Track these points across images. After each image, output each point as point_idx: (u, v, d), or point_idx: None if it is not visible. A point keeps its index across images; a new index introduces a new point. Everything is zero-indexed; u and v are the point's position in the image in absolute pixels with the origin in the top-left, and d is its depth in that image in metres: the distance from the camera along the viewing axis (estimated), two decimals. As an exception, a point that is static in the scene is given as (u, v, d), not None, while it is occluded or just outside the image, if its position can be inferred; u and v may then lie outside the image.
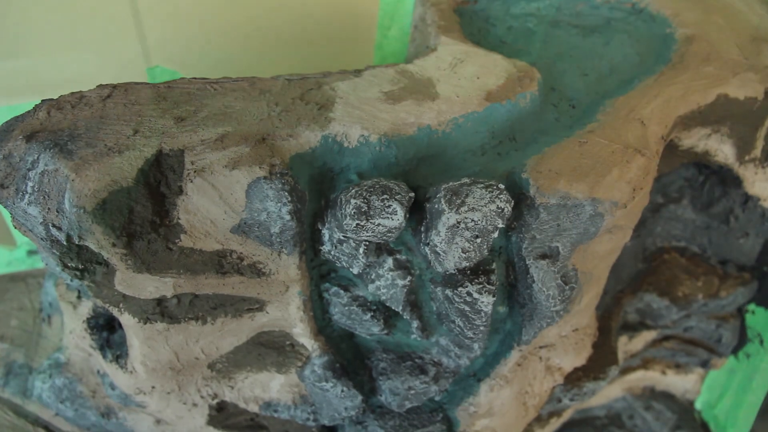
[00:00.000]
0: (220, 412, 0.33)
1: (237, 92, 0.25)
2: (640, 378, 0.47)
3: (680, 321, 0.42)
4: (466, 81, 0.28)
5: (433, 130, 0.26)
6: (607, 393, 0.48)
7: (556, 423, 0.38)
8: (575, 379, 0.34)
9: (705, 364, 0.45)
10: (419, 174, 0.25)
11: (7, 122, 0.25)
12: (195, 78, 0.26)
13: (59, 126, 0.24)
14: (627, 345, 0.41)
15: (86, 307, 0.32)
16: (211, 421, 0.34)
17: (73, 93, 0.25)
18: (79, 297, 0.32)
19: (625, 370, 0.45)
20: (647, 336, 0.41)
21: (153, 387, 0.31)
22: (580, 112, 0.29)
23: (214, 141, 0.23)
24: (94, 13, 0.36)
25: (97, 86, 0.25)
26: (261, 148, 0.23)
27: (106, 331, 0.33)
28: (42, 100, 0.25)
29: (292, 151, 0.24)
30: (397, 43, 0.37)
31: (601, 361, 0.35)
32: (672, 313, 0.40)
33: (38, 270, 0.46)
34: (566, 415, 0.39)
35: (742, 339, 0.43)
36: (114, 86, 0.25)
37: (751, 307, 0.42)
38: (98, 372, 0.36)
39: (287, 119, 0.24)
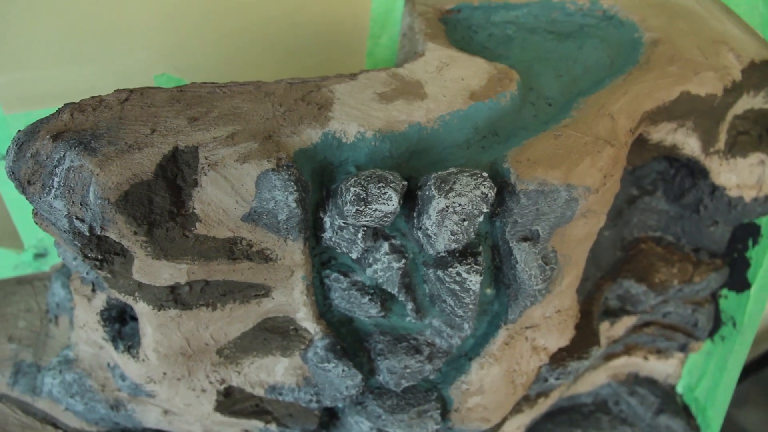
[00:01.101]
0: (227, 397, 0.35)
1: (244, 95, 0.28)
2: (624, 364, 0.49)
3: (658, 306, 0.45)
4: (451, 82, 0.31)
5: (423, 126, 0.29)
6: (593, 380, 0.51)
7: (544, 403, 0.40)
8: (560, 359, 0.37)
9: (683, 348, 0.48)
10: (411, 166, 0.28)
11: (32, 124, 0.27)
12: (205, 83, 0.28)
13: (82, 126, 0.26)
14: (609, 330, 0.44)
15: (100, 300, 0.34)
16: (219, 407, 0.36)
17: (93, 97, 0.28)
18: (93, 290, 0.35)
19: (609, 357, 0.48)
20: (628, 321, 0.44)
21: (164, 374, 0.33)
22: (556, 109, 0.32)
23: (225, 138, 0.26)
24: (103, 24, 0.39)
25: (114, 91, 0.28)
26: (268, 144, 0.26)
27: (118, 323, 0.35)
28: (65, 104, 0.27)
29: (295, 146, 0.26)
30: (387, 51, 0.40)
31: (584, 343, 0.38)
32: (650, 298, 0.43)
33: (44, 273, 0.48)
34: (553, 397, 0.41)
35: (717, 323, 0.46)
36: (131, 91, 0.28)
37: (724, 292, 0.45)
38: (108, 365, 0.38)
39: (291, 118, 0.27)
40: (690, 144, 0.36)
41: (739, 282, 0.43)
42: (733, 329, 0.45)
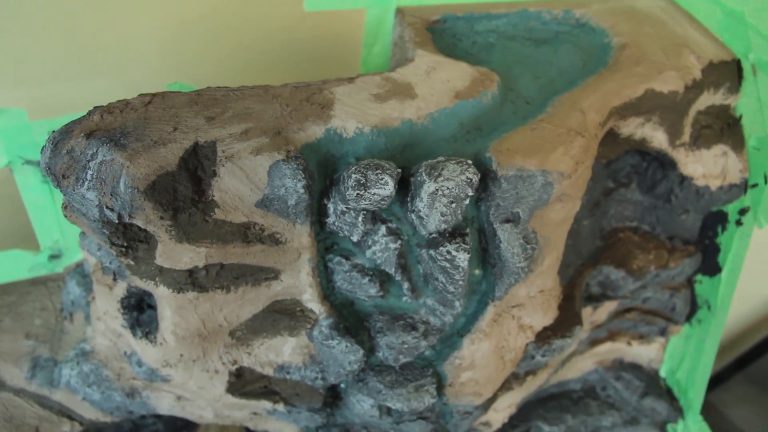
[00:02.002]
0: (238, 378, 0.39)
1: (254, 97, 0.32)
2: (609, 350, 0.53)
3: (638, 292, 0.48)
4: (438, 84, 0.35)
5: (414, 122, 0.33)
6: (581, 366, 0.55)
7: (532, 382, 0.44)
8: (545, 337, 0.41)
9: (663, 332, 0.51)
10: (404, 157, 0.32)
11: (65, 125, 0.31)
12: (219, 87, 0.32)
13: (112, 126, 0.30)
14: (592, 316, 0.48)
15: (121, 288, 0.38)
16: (230, 388, 0.39)
17: (119, 101, 0.32)
18: (114, 279, 0.38)
19: (594, 342, 0.52)
20: (609, 306, 0.48)
21: (181, 355, 0.36)
22: (534, 107, 0.36)
23: (240, 134, 0.30)
24: (118, 39, 0.43)
25: (138, 95, 0.32)
26: (278, 139, 0.30)
27: (136, 311, 0.39)
28: (94, 107, 0.31)
29: (302, 141, 0.30)
30: (380, 59, 0.44)
31: (567, 323, 0.42)
32: (628, 283, 0.46)
33: (57, 274, 0.52)
34: (541, 377, 0.45)
35: (693, 307, 0.50)
36: (153, 95, 0.32)
37: (698, 277, 0.49)
38: (125, 353, 0.41)
39: (297, 117, 0.31)
40: (657, 137, 0.41)
41: (711, 267, 0.47)
42: (708, 312, 0.48)
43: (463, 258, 0.31)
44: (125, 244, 0.31)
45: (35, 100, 0.41)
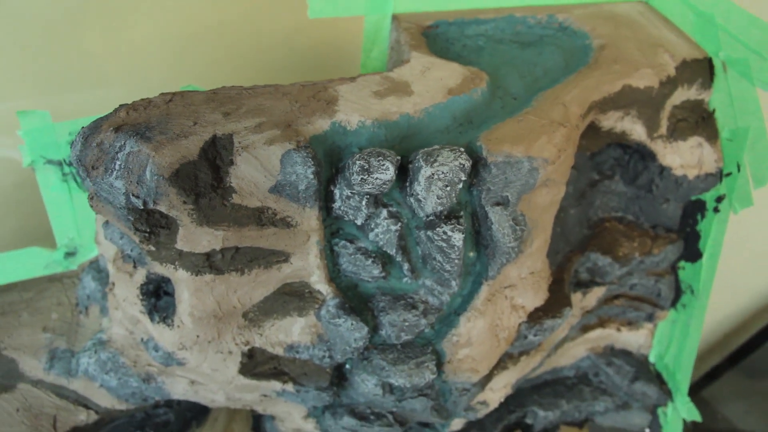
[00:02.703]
0: (250, 359, 0.42)
1: (266, 94, 0.36)
2: (599, 336, 0.57)
3: (624, 278, 0.52)
4: (433, 81, 0.39)
5: (411, 116, 0.37)
6: (574, 353, 0.58)
7: (526, 363, 0.47)
8: (537, 318, 0.44)
9: (651, 318, 0.55)
10: (402, 148, 0.36)
11: (94, 121, 0.34)
12: (233, 86, 0.36)
13: (137, 121, 0.34)
14: (582, 301, 0.51)
15: (140, 275, 0.41)
16: (242, 369, 0.42)
17: (142, 99, 0.35)
18: (134, 266, 0.41)
19: (586, 328, 0.55)
20: (598, 292, 0.51)
21: (197, 336, 0.40)
22: (520, 102, 0.40)
23: (254, 127, 0.33)
24: (132, 48, 0.46)
25: (159, 94, 0.36)
26: (288, 131, 0.33)
27: (154, 298, 0.42)
28: (120, 105, 0.35)
29: (310, 133, 0.34)
30: (378, 62, 0.48)
31: (557, 304, 0.45)
32: (615, 269, 0.50)
33: (72, 271, 0.55)
34: (535, 358, 0.48)
35: (678, 292, 0.54)
36: (173, 93, 0.35)
37: (681, 263, 0.52)
38: (142, 340, 0.45)
39: (305, 112, 0.35)
40: (636, 130, 0.44)
41: (693, 253, 0.51)
42: (692, 296, 0.52)
43: (458, 237, 0.35)
44: (148, 230, 0.35)
45: (58, 104, 0.45)
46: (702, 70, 0.45)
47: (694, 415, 0.55)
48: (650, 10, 0.50)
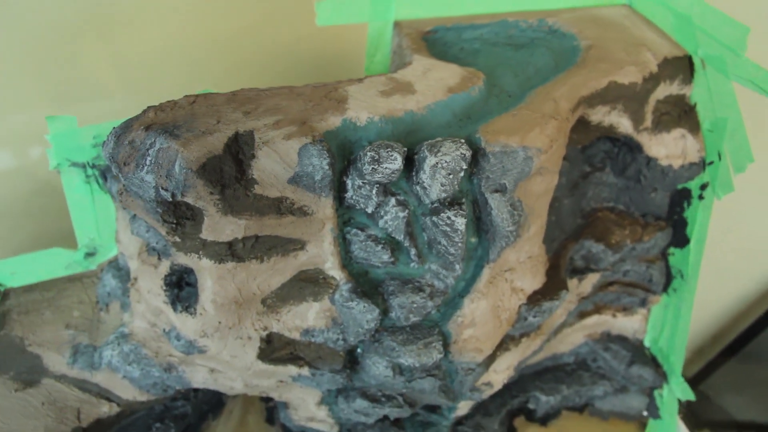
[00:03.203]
0: (268, 344, 0.45)
1: (282, 95, 0.39)
2: (596, 322, 0.60)
3: (617, 265, 0.56)
4: (434, 81, 0.42)
5: (415, 113, 0.40)
6: (572, 340, 0.62)
7: (527, 344, 0.50)
8: (535, 300, 0.47)
9: (644, 303, 0.59)
10: (408, 142, 0.40)
11: (124, 122, 0.38)
12: (251, 88, 0.40)
13: (165, 120, 0.37)
14: (579, 288, 0.55)
15: (165, 267, 0.44)
16: (260, 354, 0.46)
17: (168, 101, 0.39)
18: (159, 258, 0.45)
19: (583, 315, 0.59)
20: (593, 278, 0.55)
21: (219, 323, 0.43)
22: (515, 99, 0.44)
23: (272, 124, 0.37)
24: (151, 58, 0.50)
25: (183, 96, 0.39)
26: (304, 127, 0.37)
27: (176, 288, 0.45)
28: (148, 107, 0.38)
29: (324, 129, 0.38)
30: (381, 66, 0.52)
31: (554, 287, 0.49)
32: (608, 256, 0.54)
33: (91, 271, 0.58)
34: (535, 342, 0.52)
35: (668, 277, 0.57)
36: (197, 95, 0.39)
37: (671, 250, 0.56)
38: (164, 330, 0.48)
39: (318, 110, 0.39)
40: (623, 123, 0.48)
41: (681, 239, 0.55)
42: (682, 280, 0.56)
43: (461, 222, 0.39)
44: (175, 221, 0.38)
45: (83, 111, 0.48)
46: (682, 66, 0.49)
47: (688, 394, 0.58)
48: (633, 12, 0.54)
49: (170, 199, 0.37)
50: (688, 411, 0.65)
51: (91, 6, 0.56)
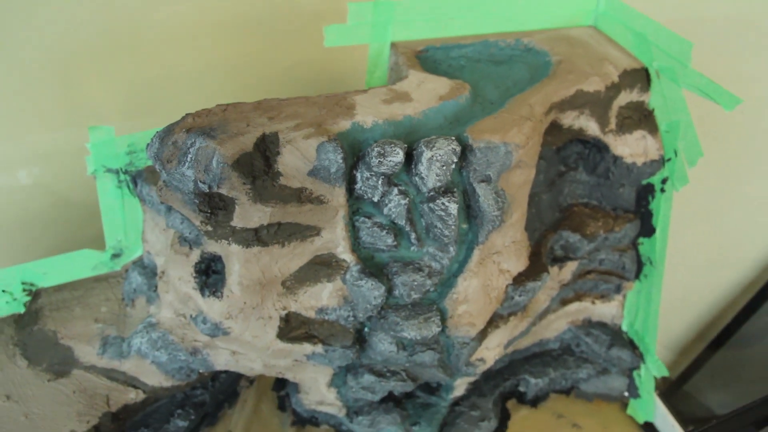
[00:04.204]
0: (286, 324, 0.52)
1: (299, 104, 0.48)
2: (577, 309, 0.68)
3: (593, 254, 0.64)
4: (427, 91, 0.51)
5: (412, 117, 0.49)
6: (557, 326, 0.70)
7: (515, 324, 0.58)
8: (520, 281, 0.56)
9: (619, 289, 0.67)
10: (407, 141, 0.48)
11: (166, 127, 0.46)
12: (272, 98, 0.48)
13: (202, 124, 0.45)
14: (559, 275, 0.63)
15: (195, 255, 0.52)
16: (279, 333, 0.53)
17: (203, 109, 0.47)
18: (190, 248, 0.52)
19: (565, 301, 0.67)
20: (572, 266, 0.63)
21: (244, 303, 0.50)
22: (496, 106, 0.53)
23: (293, 127, 0.45)
24: (171, 84, 0.59)
25: (216, 105, 0.47)
26: (321, 129, 0.45)
27: (204, 276, 0.52)
28: (186, 114, 0.46)
29: (337, 130, 0.46)
30: (380, 81, 0.61)
31: (536, 270, 0.57)
32: (584, 245, 0.62)
33: (116, 272, 0.65)
34: (522, 323, 0.59)
35: (639, 265, 0.66)
36: (227, 104, 0.47)
37: (640, 239, 0.65)
38: (191, 317, 0.55)
39: (331, 115, 0.47)
40: (591, 126, 0.57)
41: (648, 229, 0.63)
42: (651, 266, 0.64)
43: (453, 207, 0.47)
44: (209, 211, 0.46)
45: (117, 124, 0.57)
46: (640, 77, 0.59)
47: (663, 371, 0.66)
48: (597, 32, 0.64)
49: (207, 191, 0.45)
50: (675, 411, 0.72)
51: (107, 34, 0.64)
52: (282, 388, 0.70)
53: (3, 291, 0.61)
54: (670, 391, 1.05)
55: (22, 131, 0.68)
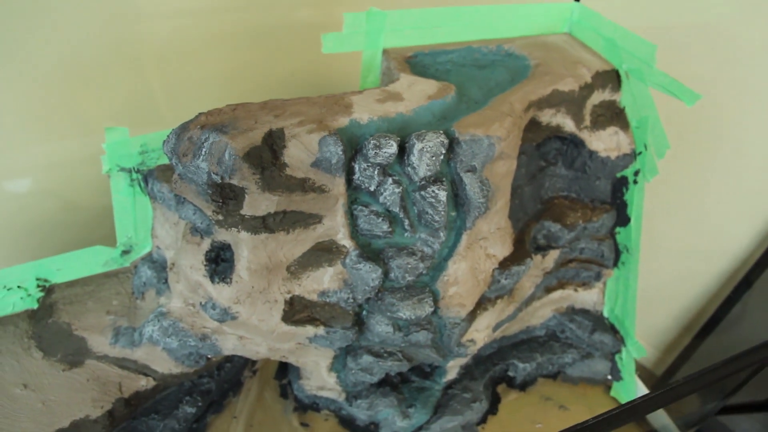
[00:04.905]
0: (291, 307, 0.58)
1: (301, 103, 0.54)
2: (561, 297, 0.74)
3: (574, 243, 0.70)
4: (417, 91, 0.58)
5: (404, 114, 0.55)
6: (542, 314, 0.76)
7: (501, 307, 0.64)
8: (506, 265, 0.61)
9: (599, 276, 0.73)
10: (399, 135, 0.54)
11: (182, 124, 0.52)
12: (277, 99, 0.54)
13: (214, 122, 0.51)
14: (543, 263, 0.69)
15: (206, 244, 0.57)
16: (284, 316, 0.58)
17: (214, 108, 0.53)
18: (201, 237, 0.57)
19: (549, 289, 0.73)
20: (554, 254, 0.69)
21: (252, 287, 0.56)
22: (479, 104, 0.59)
23: (297, 123, 0.51)
24: (185, 92, 0.65)
25: (226, 105, 0.53)
26: (322, 125, 0.51)
27: (214, 264, 0.58)
28: (199, 113, 0.52)
29: (336, 126, 0.52)
30: (373, 85, 0.67)
31: (520, 256, 0.63)
32: (565, 234, 0.68)
33: (125, 268, 0.70)
34: (509, 307, 0.65)
35: (617, 253, 0.72)
36: (236, 104, 0.53)
37: (617, 229, 0.71)
38: (200, 304, 0.60)
39: (330, 113, 0.53)
40: (567, 123, 0.64)
41: (624, 218, 0.70)
42: (628, 254, 0.70)
43: (443, 194, 0.53)
44: (221, 201, 0.52)
45: (131, 128, 0.62)
46: (611, 78, 0.66)
47: (642, 352, 0.72)
48: (572, 38, 0.71)
49: (219, 182, 0.50)
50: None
51: (114, 46, 0.70)
52: (284, 377, 0.75)
53: (18, 287, 0.66)
54: (657, 387, 1.10)
55: (33, 140, 0.73)
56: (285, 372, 0.75)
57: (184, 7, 0.72)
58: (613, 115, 0.67)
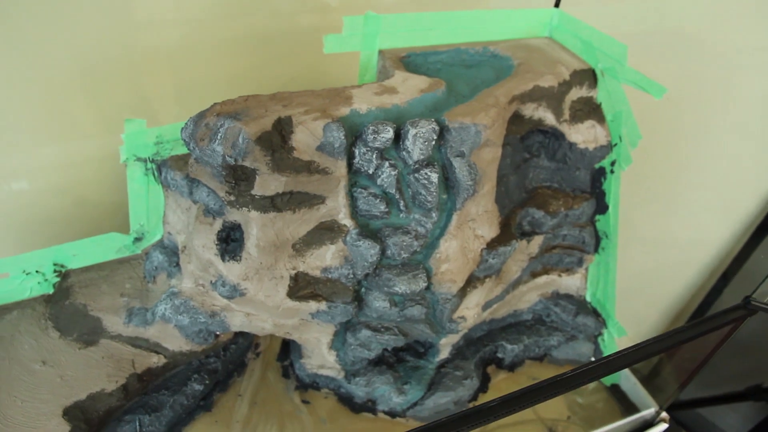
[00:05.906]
0: (295, 283, 0.65)
1: (307, 95, 0.61)
2: (546, 282, 0.81)
3: (557, 230, 0.78)
4: (410, 86, 0.65)
5: (399, 105, 0.63)
6: (529, 299, 0.83)
7: (490, 287, 0.71)
8: (493, 246, 0.69)
9: (581, 262, 0.80)
10: (395, 124, 0.62)
11: (199, 113, 0.59)
12: (284, 91, 0.62)
13: (228, 110, 0.58)
14: (528, 248, 0.76)
15: (218, 224, 0.64)
16: (289, 292, 0.65)
17: (227, 99, 0.60)
18: (213, 218, 0.64)
19: (534, 274, 0.80)
20: (538, 240, 0.77)
21: (260, 263, 0.62)
22: (467, 98, 0.67)
23: (303, 112, 0.59)
24: (190, 86, 0.72)
25: (239, 96, 0.61)
26: (326, 113, 0.59)
27: (224, 243, 0.65)
28: (214, 103, 0.60)
29: (339, 115, 0.60)
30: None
31: (506, 238, 0.70)
32: (548, 221, 0.76)
33: (137, 255, 0.77)
34: (497, 287, 0.72)
35: (597, 239, 0.79)
36: (248, 96, 0.61)
37: (597, 217, 0.79)
38: (210, 282, 0.67)
39: (333, 103, 0.61)
40: (548, 117, 0.72)
41: (603, 207, 0.77)
42: (607, 239, 0.78)
43: (435, 177, 0.60)
44: (233, 182, 0.59)
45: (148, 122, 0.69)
46: (588, 76, 0.74)
47: (622, 332, 0.79)
48: (552, 41, 0.79)
49: (233, 163, 0.57)
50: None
51: (128, 51, 0.77)
52: (285, 359, 0.81)
53: (36, 271, 0.73)
54: (646, 380, 1.17)
55: (47, 141, 0.80)
56: (287, 354, 0.81)
57: (192, 16, 0.80)
58: (591, 110, 0.75)
